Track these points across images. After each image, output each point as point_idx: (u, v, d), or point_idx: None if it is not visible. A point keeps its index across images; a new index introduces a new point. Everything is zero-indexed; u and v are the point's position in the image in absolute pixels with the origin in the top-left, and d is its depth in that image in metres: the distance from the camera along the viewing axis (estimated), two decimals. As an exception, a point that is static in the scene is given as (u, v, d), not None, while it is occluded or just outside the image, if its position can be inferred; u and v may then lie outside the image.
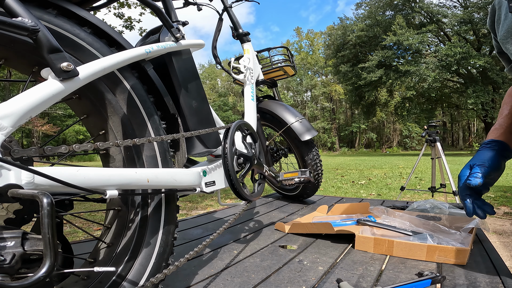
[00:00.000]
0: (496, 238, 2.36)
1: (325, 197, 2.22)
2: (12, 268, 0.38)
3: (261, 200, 2.05)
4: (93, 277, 0.65)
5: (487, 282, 0.81)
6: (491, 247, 1.09)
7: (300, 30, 39.10)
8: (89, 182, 0.54)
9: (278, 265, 0.97)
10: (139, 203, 0.72)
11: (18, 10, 0.49)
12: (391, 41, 19.45)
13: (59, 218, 0.61)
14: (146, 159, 0.73)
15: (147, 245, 0.71)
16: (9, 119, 0.47)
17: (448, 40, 19.83)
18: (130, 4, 6.57)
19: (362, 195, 4.26)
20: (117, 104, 0.70)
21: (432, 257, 0.97)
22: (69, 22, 0.63)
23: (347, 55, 23.16)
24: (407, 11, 20.54)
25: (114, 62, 0.64)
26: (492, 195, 3.96)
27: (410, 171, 5.64)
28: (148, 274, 0.70)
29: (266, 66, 1.78)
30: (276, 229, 1.38)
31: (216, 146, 0.97)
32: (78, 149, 0.55)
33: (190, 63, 0.93)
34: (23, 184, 0.46)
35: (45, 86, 0.52)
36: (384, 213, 1.38)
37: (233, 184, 0.88)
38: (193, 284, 0.85)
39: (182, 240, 1.23)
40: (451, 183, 2.68)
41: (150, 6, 0.77)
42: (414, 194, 4.12)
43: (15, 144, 0.50)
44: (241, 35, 1.46)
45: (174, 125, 0.84)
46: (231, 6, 1.45)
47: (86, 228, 2.61)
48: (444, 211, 1.33)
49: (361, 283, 0.83)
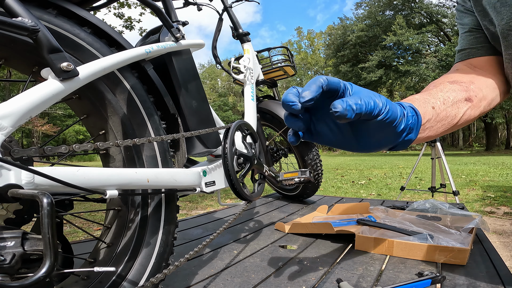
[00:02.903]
0: (496, 238, 2.36)
1: (325, 197, 2.21)
2: (12, 268, 0.38)
3: (261, 200, 2.05)
4: (93, 277, 0.65)
5: (487, 282, 0.81)
6: (491, 247, 1.08)
7: (300, 30, 39.12)
8: (89, 182, 0.54)
9: (278, 265, 0.97)
10: (139, 203, 0.72)
11: (18, 10, 0.49)
12: (391, 41, 19.47)
13: (59, 218, 0.61)
14: (146, 159, 0.73)
15: (147, 245, 0.71)
16: (9, 119, 0.47)
17: (448, 40, 19.84)
18: (130, 4, 6.57)
19: (362, 195, 4.26)
20: (117, 104, 0.70)
21: (432, 257, 0.97)
22: (69, 22, 0.63)
23: (347, 55, 23.17)
24: (407, 11, 20.54)
25: (114, 62, 0.64)
26: (492, 195, 3.96)
27: (410, 171, 5.64)
28: (148, 274, 0.70)
29: (266, 66, 1.78)
30: (276, 229, 1.38)
31: (216, 146, 0.97)
32: (78, 149, 0.55)
33: (190, 63, 0.93)
34: (23, 184, 0.46)
35: (45, 86, 0.52)
36: (384, 213, 1.38)
37: (233, 184, 0.88)
38: (193, 284, 0.85)
39: (182, 240, 1.23)
40: (451, 183, 2.68)
41: (150, 6, 0.77)
42: (414, 194, 4.12)
43: (15, 144, 0.50)
44: (241, 35, 1.46)
45: (174, 125, 0.84)
46: (231, 6, 1.45)
47: (86, 228, 2.61)
48: (444, 211, 1.33)
49: (361, 283, 0.83)
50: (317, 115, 0.44)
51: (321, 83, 0.38)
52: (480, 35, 0.68)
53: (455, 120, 0.56)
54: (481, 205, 3.46)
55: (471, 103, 0.58)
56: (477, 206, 3.43)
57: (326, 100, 0.40)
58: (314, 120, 0.44)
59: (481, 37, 0.67)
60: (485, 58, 0.67)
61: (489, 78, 0.64)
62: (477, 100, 0.59)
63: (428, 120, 0.51)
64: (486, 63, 0.66)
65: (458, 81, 0.61)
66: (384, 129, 0.42)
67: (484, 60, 0.67)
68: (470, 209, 3.13)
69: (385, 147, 0.46)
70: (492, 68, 0.66)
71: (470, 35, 0.69)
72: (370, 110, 0.38)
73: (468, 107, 0.58)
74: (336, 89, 0.39)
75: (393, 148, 0.47)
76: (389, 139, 0.44)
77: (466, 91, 0.59)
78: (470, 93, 0.59)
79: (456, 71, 0.68)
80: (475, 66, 0.67)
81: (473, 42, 0.69)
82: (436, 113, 0.52)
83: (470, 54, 0.69)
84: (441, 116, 0.53)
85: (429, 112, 0.51)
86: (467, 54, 0.70)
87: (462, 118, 0.57)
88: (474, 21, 0.68)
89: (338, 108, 0.36)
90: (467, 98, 0.58)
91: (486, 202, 3.63)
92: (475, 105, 0.59)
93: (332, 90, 0.39)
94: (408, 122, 0.44)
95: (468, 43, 0.70)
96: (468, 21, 0.69)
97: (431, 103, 0.53)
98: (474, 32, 0.68)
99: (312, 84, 0.38)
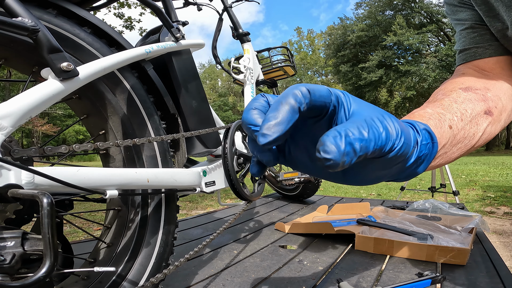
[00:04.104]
0: (496, 238, 2.36)
1: (325, 197, 2.22)
2: (12, 268, 0.38)
3: (261, 200, 2.05)
4: (93, 277, 0.65)
5: (487, 282, 0.81)
6: (491, 247, 1.08)
7: (300, 30, 39.14)
8: (89, 182, 0.54)
9: (278, 265, 0.97)
10: (139, 203, 0.72)
11: (18, 10, 0.49)
12: (391, 41, 19.48)
13: (59, 218, 0.61)
14: (146, 159, 0.73)
15: (147, 245, 0.71)
16: (9, 119, 0.47)
17: (448, 40, 19.83)
18: (130, 4, 6.57)
19: (362, 195, 4.26)
20: (117, 104, 0.70)
21: (432, 257, 0.97)
22: (69, 22, 0.63)
23: (347, 55, 23.17)
24: (407, 11, 20.55)
25: (114, 62, 0.64)
26: (492, 195, 3.96)
27: (410, 171, 5.63)
28: (148, 274, 0.70)
29: (266, 66, 1.78)
30: (276, 229, 1.38)
31: (216, 146, 0.97)
32: (78, 149, 0.55)
33: (190, 63, 0.93)
34: (23, 184, 0.46)
35: (45, 86, 0.52)
36: (384, 213, 1.38)
37: (233, 184, 0.88)
38: (193, 284, 0.85)
39: (182, 240, 1.23)
40: (451, 183, 2.68)
41: (150, 6, 0.77)
42: (414, 194, 4.12)
43: (15, 144, 0.50)
44: (241, 35, 1.46)
45: (174, 125, 0.84)
46: (231, 6, 1.45)
47: (86, 228, 2.61)
48: (444, 211, 1.33)
49: (361, 283, 0.83)
50: (294, 136, 0.30)
51: (298, 102, 0.23)
52: (485, 32, 0.56)
53: (473, 141, 0.43)
54: (481, 205, 3.46)
55: (491, 117, 0.46)
56: (477, 206, 3.43)
57: (308, 120, 0.28)
58: (289, 142, 0.31)
59: (487, 34, 0.56)
60: (495, 59, 0.56)
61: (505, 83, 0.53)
62: (497, 112, 0.47)
63: (444, 146, 0.38)
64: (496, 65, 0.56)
65: (472, 87, 0.49)
66: (391, 165, 0.29)
67: (494, 62, 0.56)
68: (470, 209, 3.13)
69: (382, 181, 0.34)
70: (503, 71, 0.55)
71: (473, 32, 0.58)
72: (380, 147, 0.25)
73: (489, 123, 0.45)
74: (323, 106, 0.26)
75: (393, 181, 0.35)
76: (391, 174, 0.32)
77: (484, 101, 0.46)
78: (489, 104, 0.46)
79: (462, 75, 0.56)
80: (483, 69, 0.57)
81: (478, 40, 0.57)
82: (453, 135, 0.40)
83: (477, 54, 0.58)
84: (459, 137, 0.41)
85: (446, 135, 0.39)
86: (472, 55, 0.58)
87: (481, 138, 0.44)
88: (475, 15, 0.57)
89: (330, 152, 0.22)
90: (487, 111, 0.45)
91: (486, 202, 3.63)
92: (496, 119, 0.46)
93: (318, 108, 0.26)
94: (421, 153, 0.32)
95: (471, 41, 0.59)
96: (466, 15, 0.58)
97: (448, 120, 0.40)
98: (477, 29, 0.57)
99: (282, 106, 0.23)
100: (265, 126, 0.23)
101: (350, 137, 0.23)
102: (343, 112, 0.26)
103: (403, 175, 0.34)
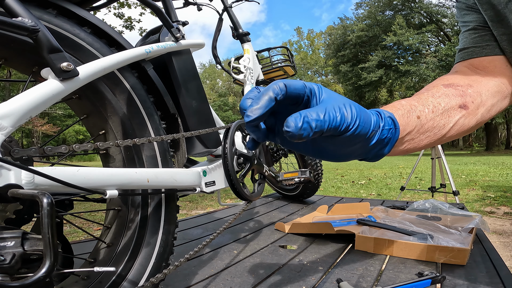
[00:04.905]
0: (496, 238, 2.36)
1: (325, 197, 2.22)
2: (12, 268, 0.38)
3: (261, 200, 2.05)
4: (93, 277, 0.65)
5: (487, 282, 0.81)
6: (491, 247, 1.08)
7: (300, 30, 39.13)
8: (89, 182, 0.54)
9: (278, 265, 0.97)
10: (139, 203, 0.72)
11: (18, 10, 0.49)
12: (391, 41, 19.48)
13: (59, 218, 0.61)
14: (146, 159, 0.73)
15: (147, 245, 0.71)
16: (9, 119, 0.47)
17: (448, 40, 19.84)
18: (130, 4, 6.57)
19: (362, 195, 4.26)
20: (117, 104, 0.70)
21: (432, 257, 0.97)
22: (69, 22, 0.63)
23: (347, 55, 23.18)
24: (406, 11, 20.56)
25: (114, 62, 0.64)
26: (492, 195, 3.96)
27: (410, 171, 5.64)
28: (148, 274, 0.70)
29: (266, 66, 1.78)
30: (276, 229, 1.38)
31: (216, 146, 0.97)
32: (78, 149, 0.55)
33: (190, 63, 0.93)
34: (23, 184, 0.46)
35: (45, 86, 0.52)
36: (384, 213, 1.38)
37: (233, 184, 0.88)
38: (193, 284, 0.85)
39: (182, 240, 1.23)
40: (451, 183, 2.68)
41: (150, 6, 0.77)
42: (414, 194, 4.12)
43: (15, 144, 0.50)
44: (241, 35, 1.46)
45: (174, 125, 0.84)
46: (231, 6, 1.45)
47: (86, 228, 2.61)
48: (444, 211, 1.33)
49: (361, 283, 0.83)
50: (281, 118, 0.37)
51: (275, 93, 0.32)
52: (486, 33, 0.60)
53: (442, 131, 0.48)
54: (481, 205, 3.46)
55: (466, 110, 0.51)
56: (477, 206, 3.43)
57: (289, 106, 0.35)
58: (278, 123, 0.39)
59: (487, 35, 0.60)
60: (490, 58, 0.60)
61: (492, 80, 0.57)
62: (473, 106, 0.52)
63: (409, 133, 0.44)
64: (490, 64, 0.59)
65: (454, 84, 0.54)
66: (352, 144, 0.37)
67: (488, 60, 0.60)
68: (470, 209, 3.13)
69: (354, 158, 0.41)
70: (496, 68, 0.59)
71: (475, 33, 0.62)
72: (335, 126, 0.33)
73: (462, 116, 0.50)
74: (298, 96, 0.34)
75: (364, 160, 0.42)
76: (358, 152, 0.39)
77: (462, 96, 0.51)
78: (466, 99, 0.51)
79: (455, 73, 0.61)
80: (476, 67, 0.61)
81: (478, 40, 0.61)
82: (421, 124, 0.46)
83: (473, 53, 0.62)
84: (426, 127, 0.46)
85: (412, 123, 0.45)
86: (469, 54, 0.63)
87: (452, 129, 0.49)
88: (479, 18, 0.61)
89: (290, 127, 0.30)
90: (462, 105, 0.51)
91: (486, 202, 3.63)
92: (471, 113, 0.52)
93: (294, 98, 0.34)
94: (383, 136, 0.39)
95: (471, 41, 0.63)
96: (471, 18, 0.62)
97: (417, 111, 0.46)
98: (479, 30, 0.61)
99: (263, 96, 0.32)
100: (249, 110, 0.31)
101: (308, 117, 0.31)
102: (315, 100, 0.35)
103: (371, 154, 0.41)
